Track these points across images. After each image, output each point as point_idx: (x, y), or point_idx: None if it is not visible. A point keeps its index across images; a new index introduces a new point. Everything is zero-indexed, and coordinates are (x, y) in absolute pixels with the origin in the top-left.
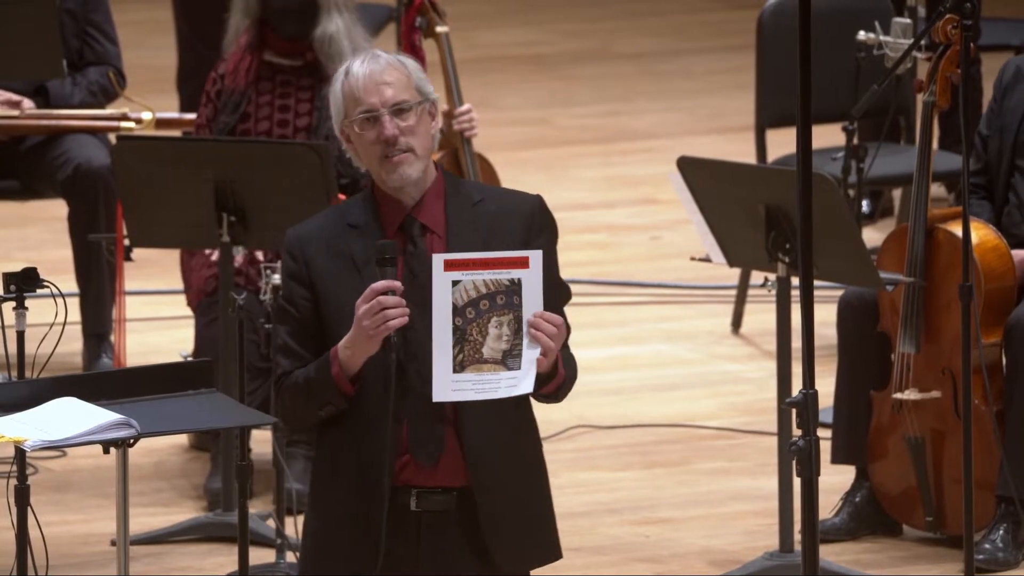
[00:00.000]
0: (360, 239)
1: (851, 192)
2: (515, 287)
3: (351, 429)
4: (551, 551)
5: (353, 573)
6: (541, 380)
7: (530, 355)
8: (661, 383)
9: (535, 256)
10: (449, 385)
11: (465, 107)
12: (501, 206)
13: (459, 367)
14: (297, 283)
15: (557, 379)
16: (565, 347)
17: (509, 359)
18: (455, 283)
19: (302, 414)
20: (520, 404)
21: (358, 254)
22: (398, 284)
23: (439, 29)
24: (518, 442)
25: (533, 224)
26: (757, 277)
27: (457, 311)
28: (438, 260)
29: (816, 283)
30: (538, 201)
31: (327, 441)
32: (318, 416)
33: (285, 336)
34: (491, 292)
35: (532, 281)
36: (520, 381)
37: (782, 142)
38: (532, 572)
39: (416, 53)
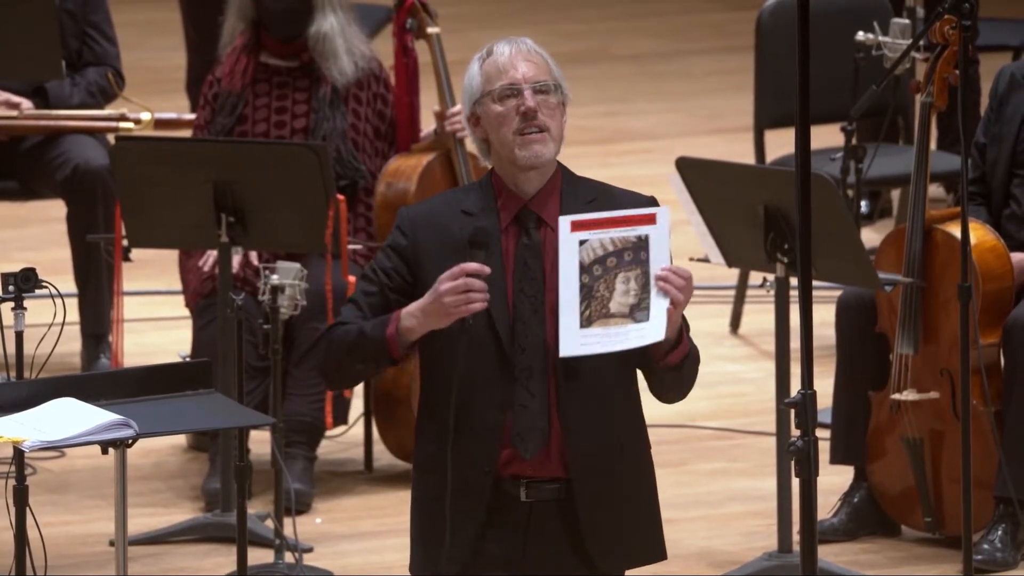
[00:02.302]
0: (474, 225)
1: (850, 192)
2: (642, 243)
3: (456, 418)
4: (654, 551)
5: (459, 566)
6: (666, 347)
7: (659, 305)
8: None
9: (662, 212)
10: (577, 340)
11: (457, 108)
12: (616, 205)
13: (586, 323)
14: (399, 257)
15: (682, 348)
16: (687, 330)
17: (637, 312)
18: (582, 243)
19: (340, 362)
20: (629, 403)
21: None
22: (487, 269)
23: (430, 30)
24: (623, 440)
25: None
26: (756, 278)
27: (584, 269)
28: (564, 222)
29: (814, 283)
30: (652, 202)
31: (430, 430)
32: (356, 371)
33: (360, 293)
34: (618, 249)
35: (660, 237)
36: (648, 330)
37: (781, 143)
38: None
39: (408, 55)
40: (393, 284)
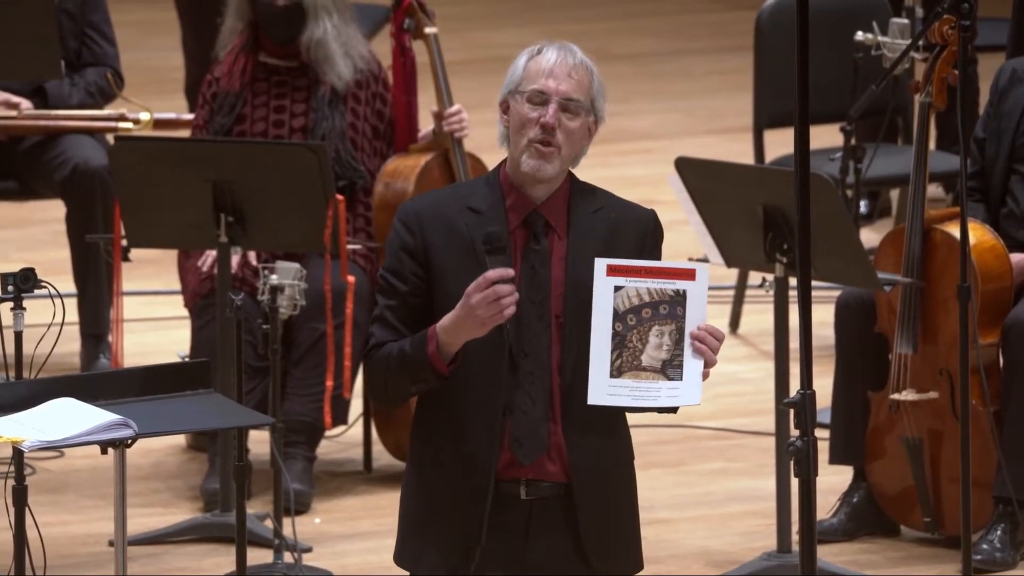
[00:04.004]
0: (482, 225)
1: (849, 192)
2: (679, 298)
3: (457, 417)
4: (637, 561)
5: (453, 565)
6: None
7: (693, 367)
8: None
9: (702, 269)
10: (606, 389)
11: (455, 108)
12: (620, 215)
13: (616, 372)
14: (411, 258)
15: None
16: None
17: (669, 368)
18: (617, 288)
19: (392, 388)
20: (617, 413)
21: (479, 240)
22: (511, 272)
23: (428, 30)
24: (616, 450)
25: (647, 238)
26: (755, 278)
27: (617, 316)
28: (600, 264)
29: (814, 283)
30: (654, 216)
31: (429, 427)
32: (409, 392)
33: (383, 308)
34: (654, 301)
35: (698, 294)
36: (682, 392)
37: (780, 142)
38: None
39: (406, 55)
40: (412, 290)
